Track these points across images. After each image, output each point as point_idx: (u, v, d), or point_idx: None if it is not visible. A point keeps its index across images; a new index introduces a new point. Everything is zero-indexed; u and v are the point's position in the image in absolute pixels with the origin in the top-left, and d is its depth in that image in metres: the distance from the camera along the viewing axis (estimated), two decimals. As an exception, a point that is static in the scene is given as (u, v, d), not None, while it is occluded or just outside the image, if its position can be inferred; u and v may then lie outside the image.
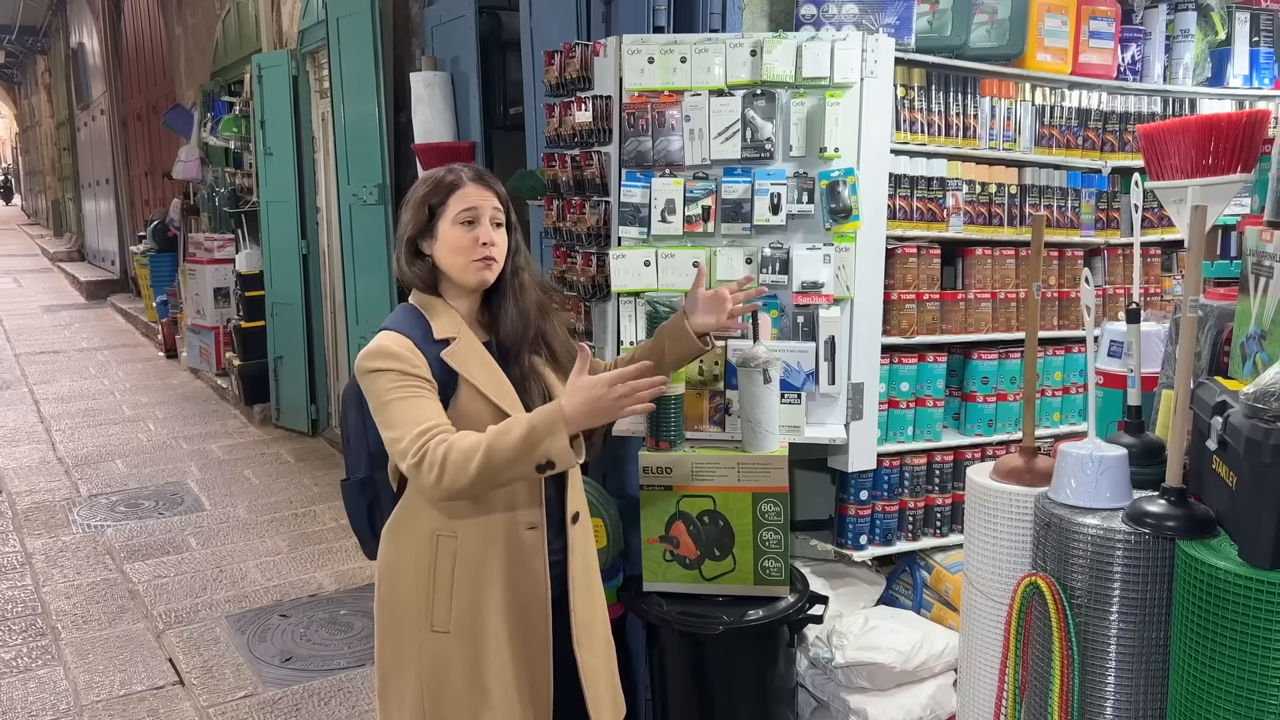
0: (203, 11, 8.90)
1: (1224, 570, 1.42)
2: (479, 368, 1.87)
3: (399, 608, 1.94)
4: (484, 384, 1.85)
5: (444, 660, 1.90)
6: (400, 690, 1.93)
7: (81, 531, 4.93)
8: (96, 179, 15.78)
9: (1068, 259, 3.21)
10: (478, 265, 1.86)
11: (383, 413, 1.79)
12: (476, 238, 1.85)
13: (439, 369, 1.83)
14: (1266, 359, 1.63)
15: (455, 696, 1.90)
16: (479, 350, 1.89)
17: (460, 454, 1.70)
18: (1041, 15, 3.01)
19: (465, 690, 1.90)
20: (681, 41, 2.71)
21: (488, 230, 1.86)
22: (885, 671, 2.67)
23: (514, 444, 1.68)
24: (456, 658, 1.90)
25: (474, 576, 1.89)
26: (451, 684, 1.90)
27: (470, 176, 1.90)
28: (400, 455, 1.77)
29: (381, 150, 4.60)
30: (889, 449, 2.94)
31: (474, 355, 1.88)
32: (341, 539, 4.75)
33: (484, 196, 1.87)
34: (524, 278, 1.94)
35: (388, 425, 1.78)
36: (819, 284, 2.68)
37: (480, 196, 1.87)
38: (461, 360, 1.85)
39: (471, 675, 1.90)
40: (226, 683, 3.45)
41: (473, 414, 1.84)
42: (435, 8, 4.46)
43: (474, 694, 1.90)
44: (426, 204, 1.89)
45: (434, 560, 1.88)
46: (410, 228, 1.90)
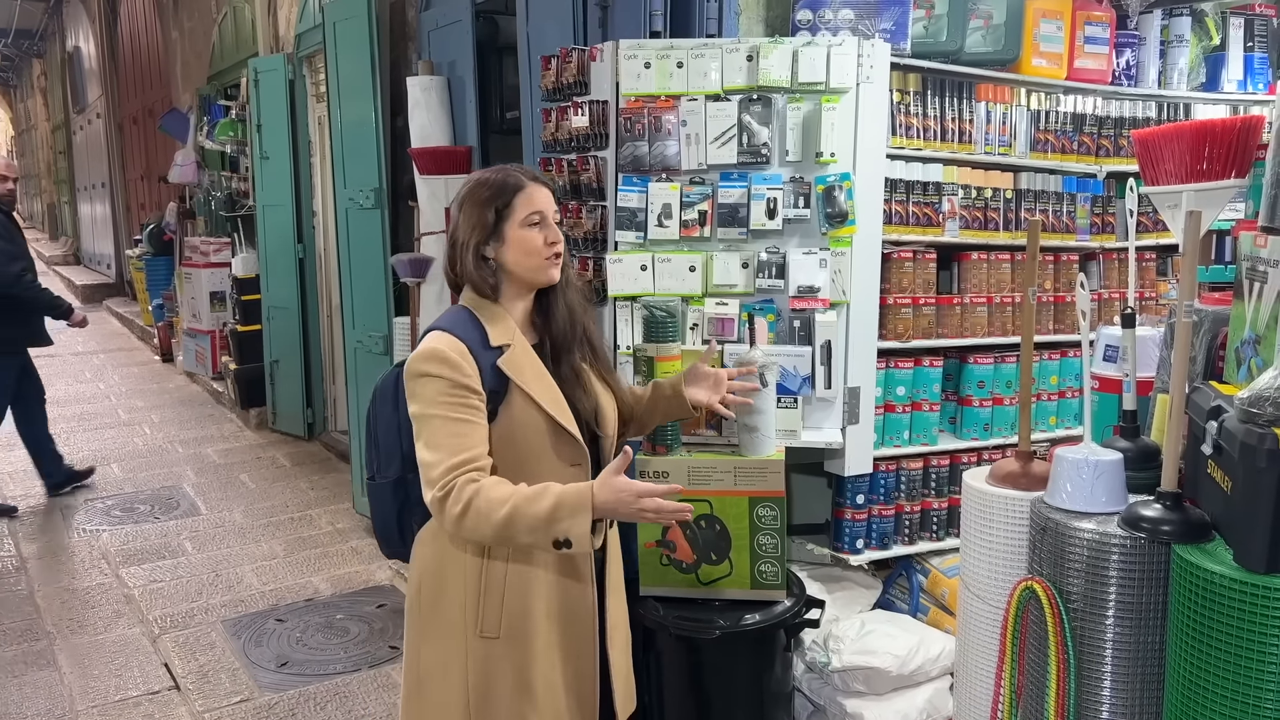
0: (199, 15, 8.90)
1: (1219, 574, 1.43)
2: (533, 377, 1.87)
3: (444, 613, 1.91)
4: (538, 393, 1.85)
5: (492, 665, 1.89)
6: (444, 696, 1.91)
7: (77, 535, 4.92)
8: (92, 183, 15.77)
9: (1063, 263, 3.22)
10: (548, 264, 1.88)
11: (423, 425, 1.78)
12: (546, 238, 1.87)
13: (492, 376, 1.82)
14: (1261, 364, 1.63)
15: (503, 701, 1.90)
16: (532, 358, 1.89)
17: (487, 503, 1.70)
18: (1037, 20, 3.02)
19: (513, 695, 1.90)
20: (678, 46, 2.72)
21: (555, 230, 1.90)
22: (881, 675, 2.67)
23: (539, 514, 1.68)
24: (505, 662, 1.89)
25: (525, 582, 1.89)
26: (499, 689, 1.90)
27: (530, 178, 1.91)
28: (428, 482, 1.76)
29: (378, 154, 4.60)
30: (885, 453, 2.95)
31: (528, 363, 1.88)
32: (338, 543, 4.75)
33: (547, 197, 1.90)
34: (569, 275, 1.97)
35: (425, 443, 1.77)
36: (815, 288, 2.69)
37: (545, 198, 1.89)
38: (517, 369, 1.85)
39: (520, 680, 1.90)
40: (222, 687, 3.44)
41: (525, 422, 1.84)
42: (432, 12, 4.46)
43: (522, 698, 1.90)
44: (492, 207, 1.87)
45: (484, 566, 1.88)
46: (477, 232, 1.87)
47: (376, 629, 3.85)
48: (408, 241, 4.56)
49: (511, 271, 1.88)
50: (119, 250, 13.64)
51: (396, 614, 3.98)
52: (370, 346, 4.73)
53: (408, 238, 4.59)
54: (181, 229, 8.83)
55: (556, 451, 1.86)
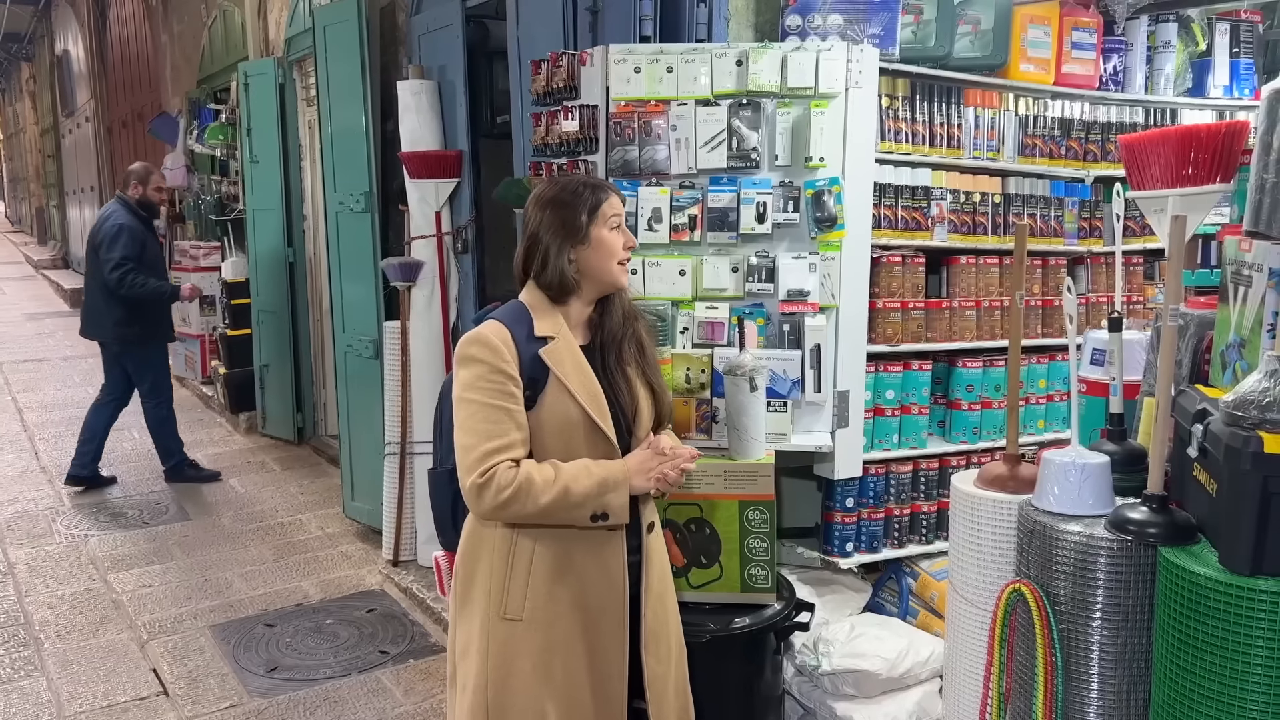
0: (189, 19, 8.88)
1: (1204, 576, 1.44)
2: (573, 369, 1.93)
3: (473, 593, 1.97)
4: (575, 385, 1.91)
5: (513, 647, 1.92)
6: (466, 673, 1.96)
7: (65, 541, 4.90)
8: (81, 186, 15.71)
9: (1051, 267, 3.23)
10: (623, 268, 2.00)
11: (461, 407, 1.88)
12: (625, 242, 1.99)
13: (533, 365, 1.90)
14: (1246, 367, 1.65)
15: (521, 684, 1.92)
16: (575, 352, 1.96)
17: (532, 486, 1.82)
18: (1024, 26, 3.04)
19: (532, 679, 1.92)
20: (668, 51, 2.72)
21: (631, 235, 2.02)
22: (871, 678, 2.68)
23: (588, 488, 1.84)
24: (526, 646, 1.92)
25: (552, 568, 1.93)
26: (518, 672, 1.92)
27: (611, 186, 2.04)
28: (465, 469, 1.85)
29: (368, 158, 4.59)
30: (875, 456, 2.95)
31: (570, 356, 1.95)
32: (327, 548, 4.74)
33: (620, 206, 2.01)
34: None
35: (461, 425, 1.87)
36: (805, 292, 2.69)
37: (620, 205, 2.01)
38: (558, 360, 1.92)
39: (540, 665, 1.93)
40: (211, 693, 3.43)
41: (560, 412, 1.90)
42: (422, 16, 4.46)
43: (541, 684, 1.92)
44: (584, 211, 1.96)
45: (513, 548, 1.92)
46: (564, 233, 1.95)
47: (366, 634, 3.84)
48: (398, 245, 4.55)
49: (587, 274, 1.97)
50: (108, 254, 13.55)
51: (386, 618, 3.97)
52: (360, 350, 4.72)
53: (398, 242, 4.58)
54: (171, 233, 8.80)
55: (590, 444, 1.92)
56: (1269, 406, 1.40)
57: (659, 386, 2.07)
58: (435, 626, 3.88)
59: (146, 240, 5.52)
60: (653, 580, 2.05)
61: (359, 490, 4.87)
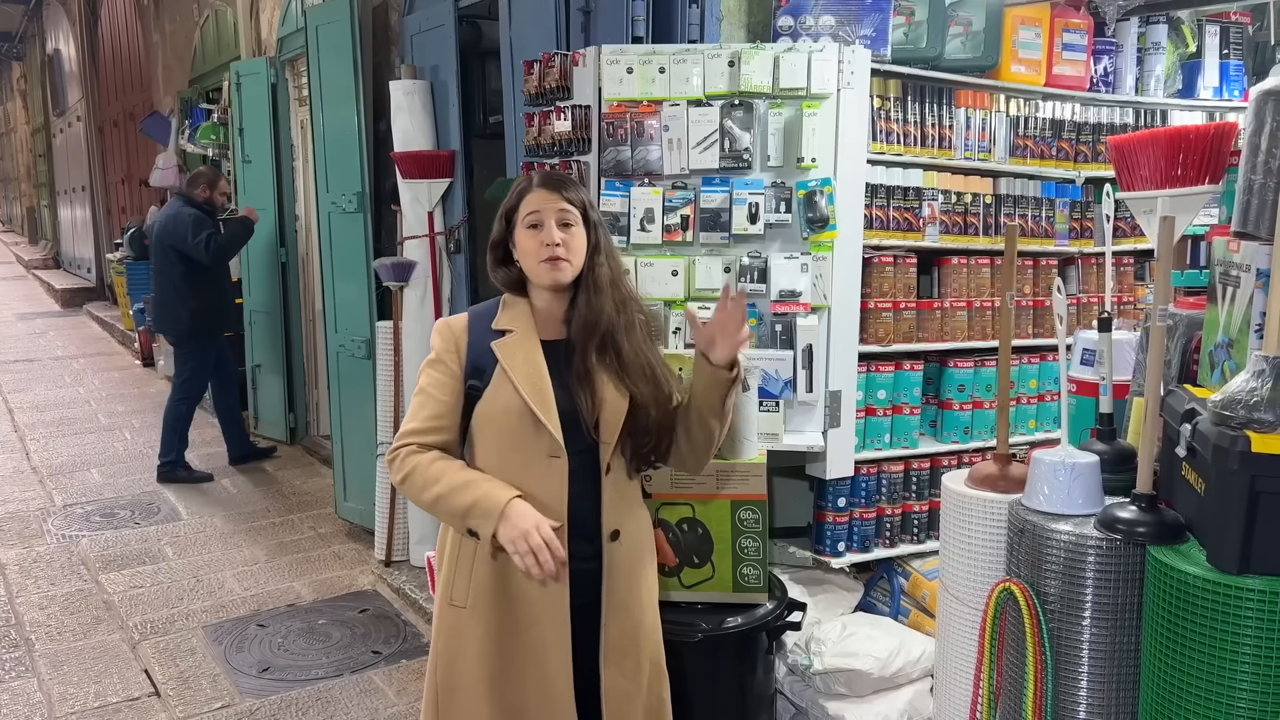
0: (181, 18, 8.86)
1: (1193, 575, 1.45)
2: (522, 363, 1.92)
3: (438, 580, 2.02)
4: (519, 376, 1.90)
5: (459, 633, 1.95)
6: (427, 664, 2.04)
7: (56, 542, 4.88)
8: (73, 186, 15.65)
9: (1042, 268, 3.25)
10: (546, 266, 1.91)
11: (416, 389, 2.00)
12: (542, 240, 1.91)
13: (483, 356, 1.93)
14: (1234, 367, 1.66)
15: (466, 671, 1.94)
16: (530, 347, 1.94)
17: (421, 478, 1.89)
18: (1015, 27, 3.05)
19: (475, 666, 1.93)
20: (660, 52, 2.73)
21: (551, 232, 1.90)
22: (863, 678, 2.68)
23: (461, 505, 1.85)
24: (471, 633, 1.93)
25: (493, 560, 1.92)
26: (464, 658, 1.94)
27: (539, 181, 1.97)
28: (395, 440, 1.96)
29: (361, 158, 4.59)
30: (866, 456, 2.96)
31: (522, 350, 1.93)
32: (319, 548, 4.73)
33: (549, 199, 1.92)
34: (598, 275, 1.95)
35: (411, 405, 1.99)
36: (796, 293, 2.70)
37: (544, 199, 1.93)
38: (508, 352, 1.92)
39: (482, 653, 1.93)
40: (203, 693, 3.42)
41: (502, 402, 1.90)
42: (415, 16, 4.46)
43: (484, 672, 1.93)
44: (504, 210, 1.97)
45: (461, 536, 1.94)
46: (494, 234, 2.00)
47: (359, 634, 3.84)
48: (390, 245, 4.55)
49: (526, 272, 1.96)
50: (99, 254, 13.55)
51: (379, 619, 3.96)
52: (353, 351, 4.72)
53: (390, 242, 4.58)
54: (163, 233, 8.76)
55: (535, 436, 1.90)
56: (1256, 406, 1.41)
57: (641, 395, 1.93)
58: (427, 626, 3.87)
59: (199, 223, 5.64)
60: (617, 591, 1.98)
61: (351, 491, 4.86)
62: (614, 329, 1.94)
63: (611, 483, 1.96)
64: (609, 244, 2.01)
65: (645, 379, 1.95)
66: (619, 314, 1.95)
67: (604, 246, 1.98)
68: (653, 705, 2.06)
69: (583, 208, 1.96)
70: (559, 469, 1.90)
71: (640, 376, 1.95)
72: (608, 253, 1.99)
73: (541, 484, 1.90)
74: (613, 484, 1.96)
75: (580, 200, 1.96)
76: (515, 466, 1.90)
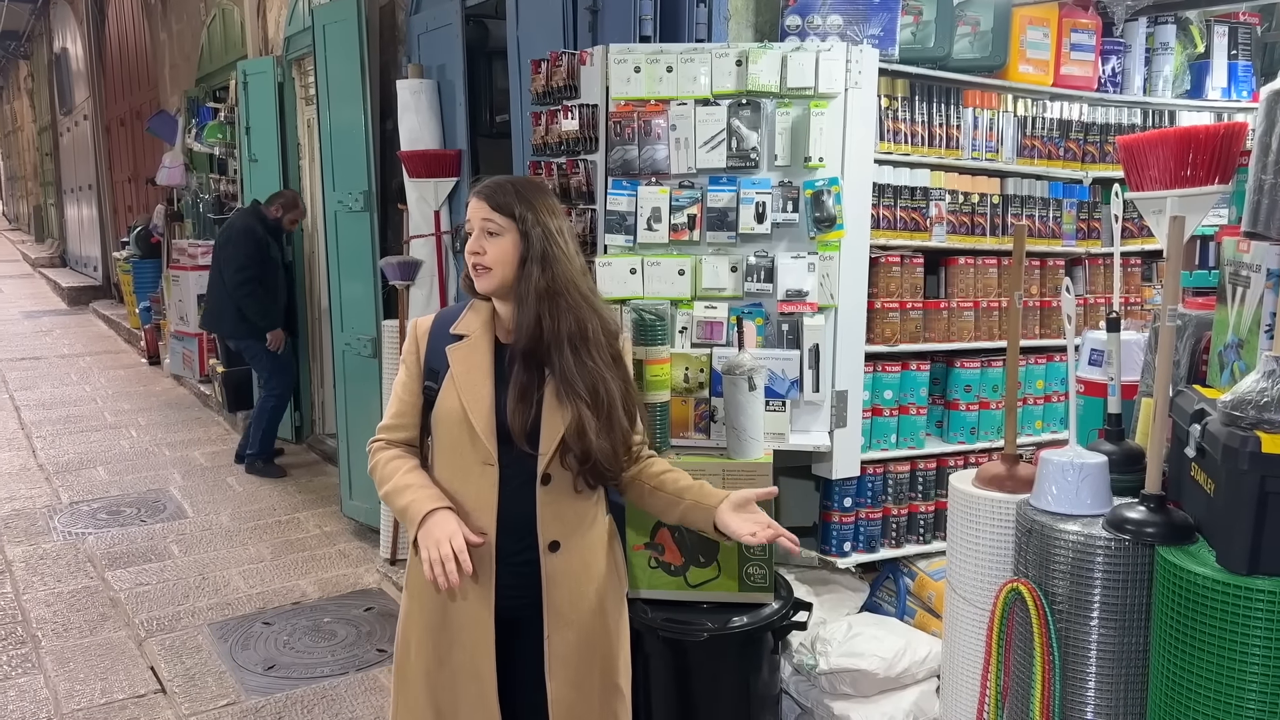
0: (187, 17, 8.87)
1: (1202, 576, 1.44)
2: (467, 369, 1.95)
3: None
4: (461, 384, 1.94)
5: (409, 615, 2.04)
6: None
7: (62, 539, 4.89)
8: (79, 184, 15.68)
9: (1049, 268, 3.24)
10: (474, 274, 1.95)
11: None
12: (470, 246, 1.95)
13: (438, 358, 1.99)
14: (1244, 367, 1.65)
15: (415, 651, 2.01)
16: (479, 354, 1.97)
17: (378, 475, 2.00)
18: (1023, 27, 3.04)
19: (416, 655, 2.00)
20: (667, 51, 2.73)
21: (475, 240, 1.94)
22: (868, 678, 2.68)
23: (396, 507, 1.95)
24: (413, 616, 2.02)
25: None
26: (410, 639, 2.03)
27: (474, 189, 1.99)
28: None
29: (367, 157, 4.59)
30: (873, 456, 2.96)
31: (471, 356, 1.96)
32: (325, 546, 4.74)
33: (476, 208, 1.95)
34: (524, 287, 1.90)
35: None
36: (803, 292, 2.70)
37: (474, 208, 1.95)
38: (458, 358, 1.97)
39: (422, 643, 2.00)
40: (209, 691, 3.43)
41: (448, 408, 1.95)
42: (422, 16, 4.46)
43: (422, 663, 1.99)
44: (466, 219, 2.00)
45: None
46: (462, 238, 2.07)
47: (364, 632, 3.84)
48: (396, 244, 4.56)
49: None
50: (106, 253, 13.58)
51: (384, 617, 3.97)
52: (358, 349, 4.72)
53: (396, 241, 4.58)
54: (169, 231, 8.79)
55: (471, 446, 1.93)
56: (1266, 407, 1.41)
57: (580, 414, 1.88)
58: (433, 625, 3.88)
59: (269, 249, 5.74)
60: (556, 601, 1.95)
61: (357, 489, 4.87)
62: (554, 343, 1.89)
63: (550, 494, 1.93)
64: (555, 253, 1.90)
65: (583, 398, 1.89)
66: (559, 327, 1.89)
67: (541, 256, 1.89)
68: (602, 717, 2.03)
69: (515, 217, 1.90)
70: (490, 476, 1.92)
71: (577, 395, 1.89)
72: (548, 262, 1.89)
73: (474, 489, 1.93)
74: (552, 495, 1.93)
75: (512, 209, 1.90)
76: (455, 470, 1.96)
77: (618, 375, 1.96)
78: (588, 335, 1.92)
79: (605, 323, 1.96)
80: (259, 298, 5.63)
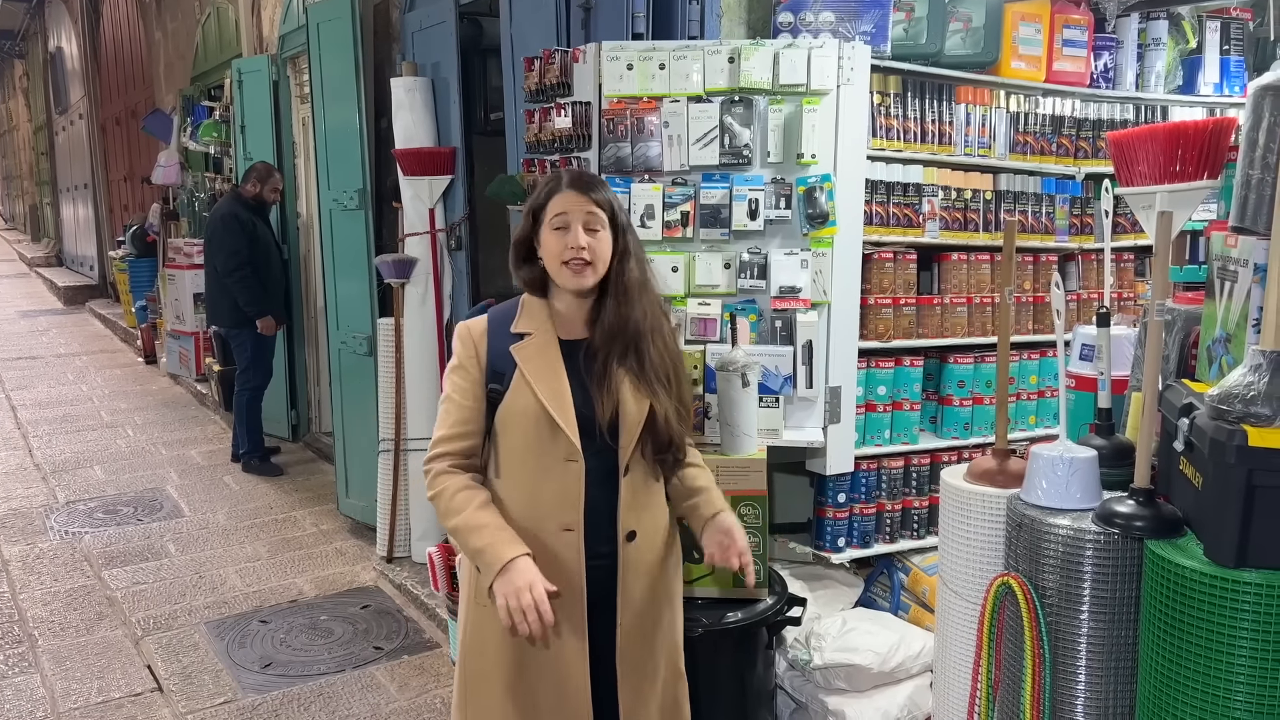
0: (182, 16, 8.87)
1: (1190, 569, 1.45)
2: (540, 367, 1.92)
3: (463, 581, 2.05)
4: (537, 382, 1.90)
5: (483, 626, 1.97)
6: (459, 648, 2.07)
7: (59, 538, 4.90)
8: (75, 184, 15.66)
9: (1042, 264, 3.25)
10: (570, 270, 1.89)
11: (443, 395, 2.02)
12: (567, 243, 1.89)
13: (501, 359, 1.93)
14: (1232, 361, 1.66)
15: (490, 658, 1.96)
16: (549, 350, 1.93)
17: (444, 506, 1.92)
18: (1016, 23, 3.05)
19: (497, 654, 1.95)
20: (660, 48, 2.73)
21: (577, 235, 1.88)
22: (863, 673, 2.69)
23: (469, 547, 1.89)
24: (493, 627, 1.92)
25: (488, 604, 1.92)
26: (489, 646, 1.96)
27: (568, 181, 1.94)
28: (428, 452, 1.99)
29: (362, 155, 4.59)
30: (866, 452, 2.97)
31: (541, 354, 1.93)
32: (322, 544, 4.74)
33: (577, 201, 1.90)
34: (626, 282, 1.92)
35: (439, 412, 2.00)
36: (796, 289, 2.71)
37: (573, 201, 1.90)
38: (526, 357, 1.92)
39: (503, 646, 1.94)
40: (205, 689, 3.43)
41: (523, 409, 1.91)
42: (416, 14, 4.46)
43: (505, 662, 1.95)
44: (532, 209, 1.95)
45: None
46: (518, 231, 1.99)
47: (360, 630, 3.85)
48: (392, 243, 4.56)
49: (549, 273, 1.94)
50: (102, 252, 13.56)
51: (380, 615, 3.97)
52: (354, 348, 4.73)
53: (392, 239, 4.59)
54: (164, 230, 8.79)
55: (553, 443, 1.90)
56: (1253, 400, 1.41)
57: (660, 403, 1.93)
58: (429, 622, 3.89)
59: (256, 229, 5.70)
60: (631, 593, 1.98)
61: (353, 487, 4.87)
62: (639, 336, 1.92)
63: (630, 485, 1.95)
64: (638, 247, 1.97)
65: (665, 386, 1.94)
66: (645, 319, 1.93)
67: (632, 250, 1.94)
68: (667, 705, 2.06)
69: (611, 210, 1.93)
70: (575, 472, 1.90)
71: (660, 384, 1.94)
72: (636, 257, 1.95)
73: (558, 486, 1.91)
74: (631, 486, 1.95)
75: (609, 202, 1.93)
76: (533, 469, 1.91)
77: (679, 357, 2.02)
78: (661, 325, 1.97)
79: (668, 309, 2.02)
80: (250, 284, 5.61)
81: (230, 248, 5.58)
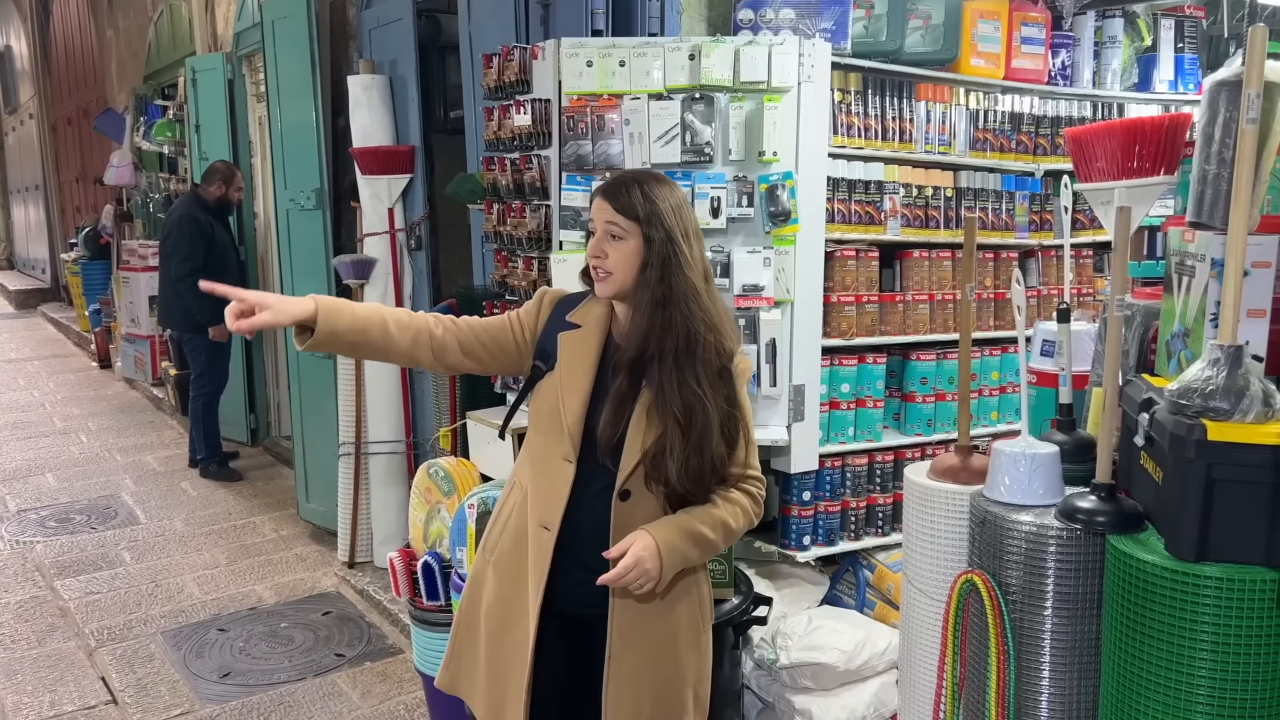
0: (134, 14, 8.70)
1: (1151, 564, 1.45)
2: (572, 360, 1.89)
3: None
4: (563, 375, 1.89)
5: (480, 580, 2.01)
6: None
7: (9, 548, 4.77)
8: (25, 185, 15.35)
9: (1003, 261, 3.26)
10: (593, 276, 1.87)
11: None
12: (591, 248, 1.86)
13: (549, 341, 1.93)
14: (1190, 356, 1.67)
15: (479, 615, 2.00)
16: (587, 348, 1.90)
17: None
18: (974, 21, 3.06)
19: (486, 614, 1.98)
20: (620, 45, 2.71)
21: (597, 243, 1.84)
22: (829, 671, 2.69)
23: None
24: (489, 582, 1.98)
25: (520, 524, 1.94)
26: (478, 602, 2.00)
27: (599, 188, 1.89)
28: None
29: (319, 154, 4.52)
30: (830, 450, 2.97)
31: (579, 349, 1.90)
32: (281, 550, 4.66)
33: (600, 208, 1.85)
34: (641, 296, 1.82)
35: None
36: (759, 287, 2.70)
37: (598, 208, 1.85)
38: (567, 348, 1.90)
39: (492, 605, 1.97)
40: (161, 700, 3.36)
41: (546, 395, 1.91)
42: (373, 10, 4.40)
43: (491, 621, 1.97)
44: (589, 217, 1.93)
45: (506, 496, 2.01)
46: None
47: (322, 636, 3.79)
48: (350, 243, 4.49)
49: None
50: (54, 254, 13.30)
51: (342, 621, 3.92)
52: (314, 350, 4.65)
53: (350, 239, 4.52)
54: (118, 232, 8.62)
55: (558, 438, 1.87)
56: (1212, 395, 1.42)
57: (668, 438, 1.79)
58: (392, 628, 3.84)
59: (214, 233, 5.58)
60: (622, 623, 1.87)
61: (313, 492, 4.80)
62: (651, 354, 1.81)
63: (627, 509, 1.83)
64: (679, 260, 1.80)
65: (676, 418, 1.78)
66: (663, 339, 1.79)
67: (661, 262, 1.79)
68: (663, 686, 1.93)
69: (640, 220, 1.81)
70: (566, 474, 1.85)
71: (670, 414, 1.79)
72: (668, 270, 1.79)
73: (549, 483, 1.88)
74: (629, 511, 1.83)
75: (636, 211, 1.81)
76: (540, 458, 1.91)
77: (721, 396, 1.83)
78: (694, 351, 1.80)
79: (721, 338, 1.83)
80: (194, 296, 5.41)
81: (184, 252, 5.46)
